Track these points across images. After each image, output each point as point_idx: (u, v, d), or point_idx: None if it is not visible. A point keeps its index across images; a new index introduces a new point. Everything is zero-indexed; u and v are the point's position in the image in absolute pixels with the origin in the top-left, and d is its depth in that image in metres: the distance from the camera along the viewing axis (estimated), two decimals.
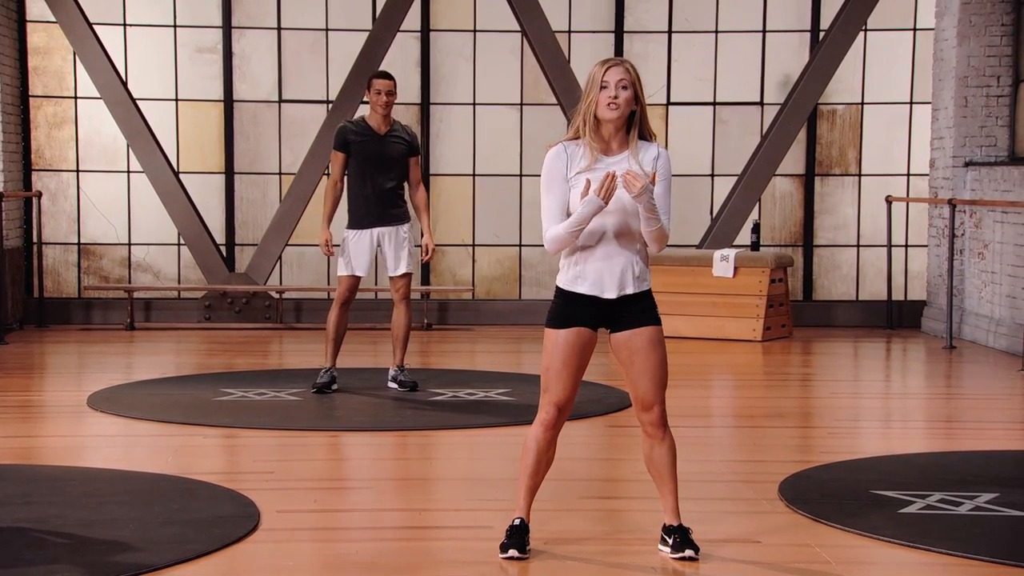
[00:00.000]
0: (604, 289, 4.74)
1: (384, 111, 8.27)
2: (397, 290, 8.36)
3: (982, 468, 6.36)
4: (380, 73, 8.42)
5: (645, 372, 4.77)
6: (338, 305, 8.32)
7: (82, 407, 7.89)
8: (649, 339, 4.77)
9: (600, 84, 4.71)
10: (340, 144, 8.31)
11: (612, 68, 4.72)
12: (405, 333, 8.40)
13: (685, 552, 4.78)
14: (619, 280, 4.74)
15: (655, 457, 4.84)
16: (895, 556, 4.94)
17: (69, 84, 12.32)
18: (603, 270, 4.74)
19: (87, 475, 6.09)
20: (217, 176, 12.54)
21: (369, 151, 8.26)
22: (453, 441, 7.08)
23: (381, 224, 8.30)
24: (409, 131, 8.45)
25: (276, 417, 7.56)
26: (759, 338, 11.18)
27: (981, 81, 11.57)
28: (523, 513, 4.89)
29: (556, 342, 4.78)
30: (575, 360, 4.78)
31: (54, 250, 12.41)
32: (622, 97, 4.69)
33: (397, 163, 8.32)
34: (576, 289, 4.77)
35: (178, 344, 11.14)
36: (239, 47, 12.49)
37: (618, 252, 4.73)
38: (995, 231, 11.03)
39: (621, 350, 4.81)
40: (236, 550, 4.91)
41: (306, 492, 5.87)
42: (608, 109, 4.70)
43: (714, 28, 12.62)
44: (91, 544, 4.91)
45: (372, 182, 8.26)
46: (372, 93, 8.28)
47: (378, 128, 8.30)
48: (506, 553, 4.82)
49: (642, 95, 4.76)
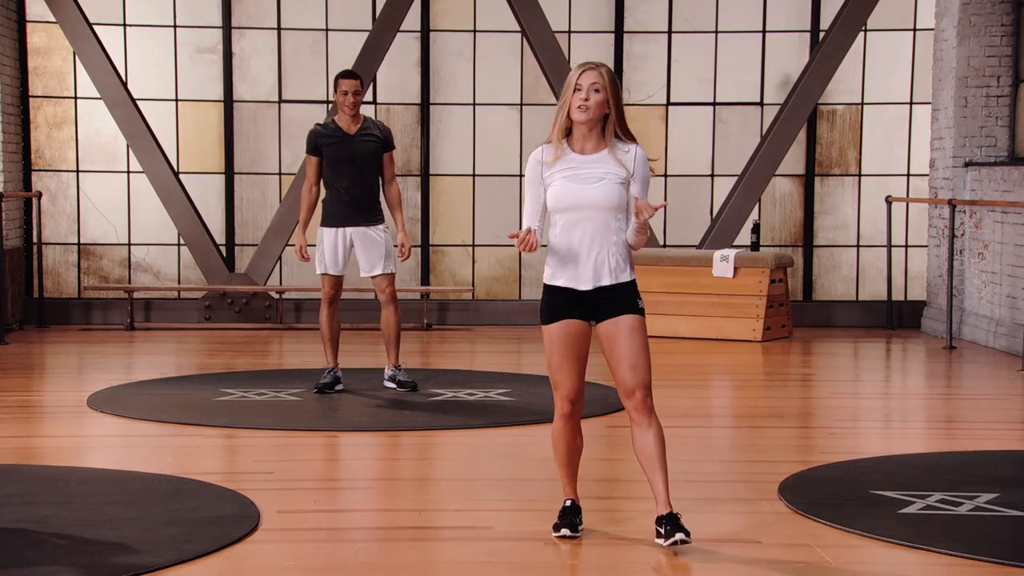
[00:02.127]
0: (580, 281, 4.94)
1: (352, 111, 8.21)
2: (381, 291, 8.33)
3: (982, 468, 6.36)
4: (345, 72, 8.34)
5: (624, 358, 4.91)
6: (325, 305, 8.32)
7: (82, 407, 7.89)
8: (628, 326, 4.92)
9: (574, 87, 4.94)
10: (312, 148, 8.27)
11: (586, 72, 4.94)
12: (395, 333, 8.38)
13: (676, 536, 4.79)
14: (593, 272, 4.93)
15: (643, 445, 4.92)
16: (895, 556, 4.94)
17: (69, 84, 12.32)
18: (580, 263, 4.93)
19: (87, 475, 6.09)
20: (217, 176, 12.54)
21: (340, 152, 8.20)
22: (453, 441, 7.08)
23: (353, 224, 8.24)
24: (382, 127, 8.37)
25: (276, 417, 7.56)
26: (759, 338, 11.18)
27: (981, 81, 11.58)
28: (571, 495, 5.10)
29: (551, 337, 4.97)
30: (572, 351, 4.94)
31: (54, 250, 12.42)
32: (592, 100, 4.90)
33: (369, 162, 8.25)
34: (555, 283, 4.98)
35: (178, 344, 11.14)
36: (239, 47, 12.49)
37: (594, 246, 4.92)
38: (995, 231, 11.03)
39: (603, 339, 4.99)
40: (236, 550, 4.91)
41: (306, 492, 5.87)
42: (578, 111, 4.92)
43: (714, 28, 12.62)
44: (91, 544, 4.91)
45: (345, 183, 8.21)
46: (339, 94, 8.21)
47: (348, 128, 8.24)
48: (558, 532, 5.02)
49: (614, 98, 4.92)
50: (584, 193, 4.90)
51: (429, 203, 12.63)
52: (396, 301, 8.36)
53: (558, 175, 4.94)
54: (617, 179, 4.92)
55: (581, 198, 4.90)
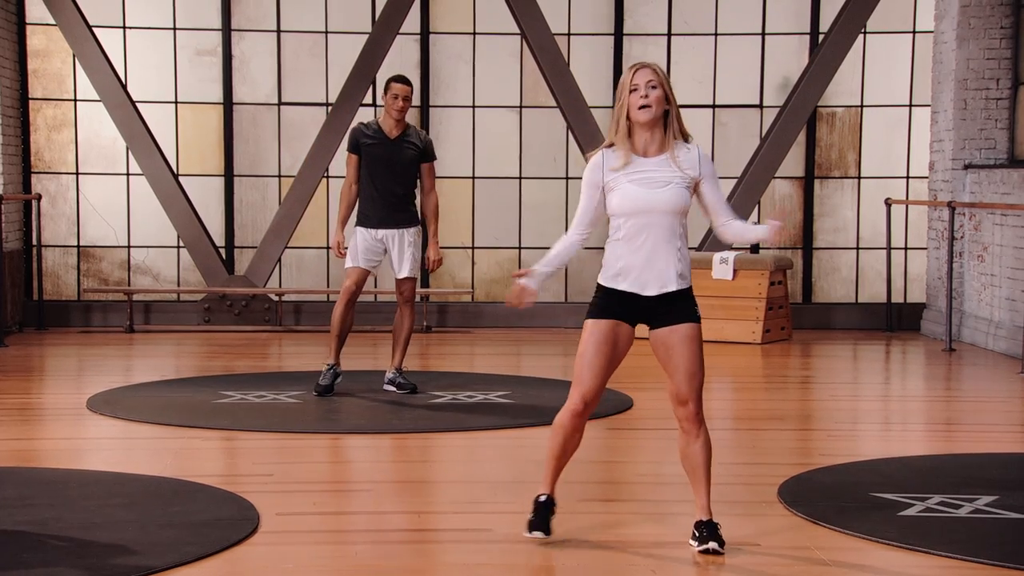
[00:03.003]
0: (645, 286, 4.87)
1: (398, 115, 8.26)
2: (401, 293, 8.38)
3: (982, 471, 6.36)
4: (398, 77, 8.38)
5: (680, 367, 4.89)
6: (344, 299, 8.32)
7: (81, 410, 7.89)
8: (686, 335, 4.90)
9: (630, 87, 4.84)
10: (352, 146, 8.35)
11: (640, 71, 4.85)
12: (406, 336, 8.40)
13: (708, 544, 4.87)
14: (661, 278, 4.87)
15: (690, 454, 4.93)
16: (895, 559, 4.94)
17: (69, 87, 12.32)
18: (645, 268, 4.85)
19: (86, 478, 6.09)
20: (216, 179, 12.54)
21: (378, 154, 8.27)
22: (452, 444, 7.08)
23: (387, 226, 8.30)
24: (423, 136, 8.43)
25: (275, 420, 7.55)
26: (758, 341, 11.18)
27: (980, 84, 11.58)
28: (548, 490, 5.04)
29: (592, 330, 4.91)
30: (608, 349, 4.89)
31: (53, 253, 12.41)
32: (652, 96, 4.82)
33: (406, 168, 8.32)
34: (618, 286, 4.89)
35: (177, 347, 11.14)
36: (239, 49, 12.49)
37: (660, 251, 4.85)
38: (994, 234, 11.03)
39: (659, 346, 4.93)
40: (235, 553, 4.91)
41: (306, 495, 5.87)
42: (641, 112, 4.82)
43: (713, 30, 12.62)
44: (90, 547, 4.90)
45: (379, 185, 8.28)
46: (388, 96, 8.27)
47: (389, 132, 8.30)
48: (531, 533, 4.98)
49: (672, 95, 4.86)
50: (652, 197, 4.83)
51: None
52: (413, 305, 8.42)
53: (623, 178, 4.85)
54: (684, 183, 4.88)
55: (649, 202, 4.83)
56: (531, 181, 12.62)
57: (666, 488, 6.01)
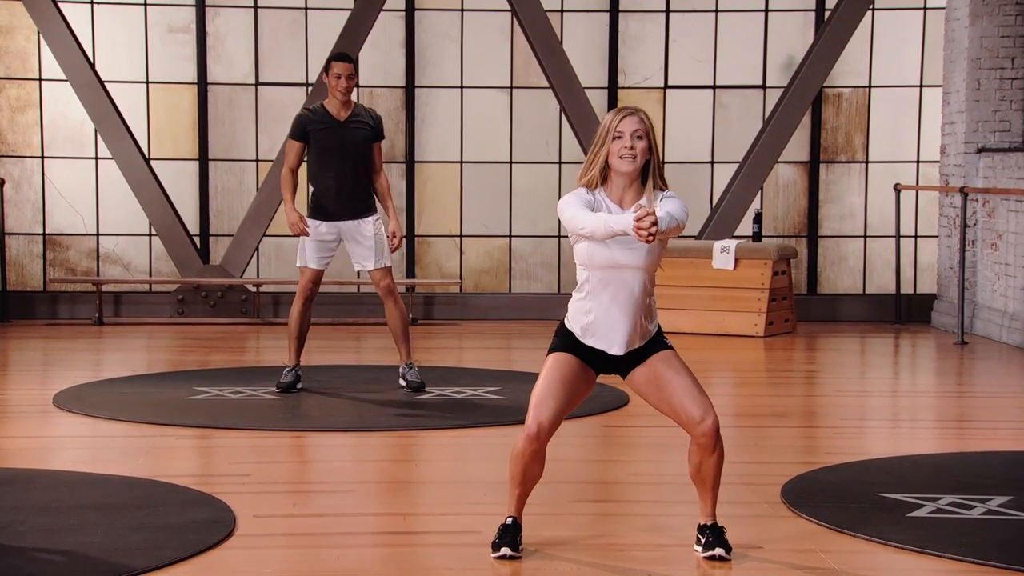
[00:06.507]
0: (612, 345, 4.84)
1: (344, 96, 8.14)
2: (379, 286, 8.29)
3: (995, 470, 6.38)
4: (338, 55, 8.26)
5: (678, 390, 4.83)
6: (300, 300, 8.28)
7: (48, 406, 7.89)
8: (666, 360, 4.87)
9: (614, 134, 4.76)
10: (299, 133, 8.17)
11: (627, 117, 4.77)
12: (403, 327, 8.34)
13: (715, 551, 4.86)
14: (627, 339, 4.83)
15: (704, 468, 4.89)
16: (903, 562, 4.96)
17: (33, 65, 12.29)
18: (612, 328, 4.81)
19: (53, 478, 6.08)
20: (190, 163, 12.53)
21: (329, 140, 8.14)
22: (440, 442, 7.09)
23: (345, 217, 8.19)
24: (373, 114, 8.31)
25: (253, 417, 7.56)
26: (761, 333, 11.20)
27: (995, 63, 11.60)
28: (515, 513, 4.97)
29: (556, 361, 4.86)
30: (571, 386, 4.84)
31: (18, 241, 12.40)
32: (638, 148, 4.75)
33: (360, 150, 8.18)
34: (585, 341, 4.86)
35: (149, 340, 11.13)
36: (213, 26, 12.47)
37: (628, 309, 4.80)
38: (1009, 221, 11.06)
39: (642, 385, 4.90)
40: (210, 557, 4.92)
41: (284, 496, 5.88)
42: (624, 162, 4.76)
43: (714, 7, 12.63)
44: (57, 552, 4.90)
45: (334, 173, 8.14)
46: (331, 77, 8.14)
47: (337, 114, 8.18)
48: (498, 552, 4.87)
49: (656, 145, 4.81)
50: (623, 252, 4.73)
51: (414, 191, 12.63)
52: (396, 294, 8.31)
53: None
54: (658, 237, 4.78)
55: (619, 257, 4.74)
56: (522, 166, 12.63)
57: (663, 488, 6.03)
